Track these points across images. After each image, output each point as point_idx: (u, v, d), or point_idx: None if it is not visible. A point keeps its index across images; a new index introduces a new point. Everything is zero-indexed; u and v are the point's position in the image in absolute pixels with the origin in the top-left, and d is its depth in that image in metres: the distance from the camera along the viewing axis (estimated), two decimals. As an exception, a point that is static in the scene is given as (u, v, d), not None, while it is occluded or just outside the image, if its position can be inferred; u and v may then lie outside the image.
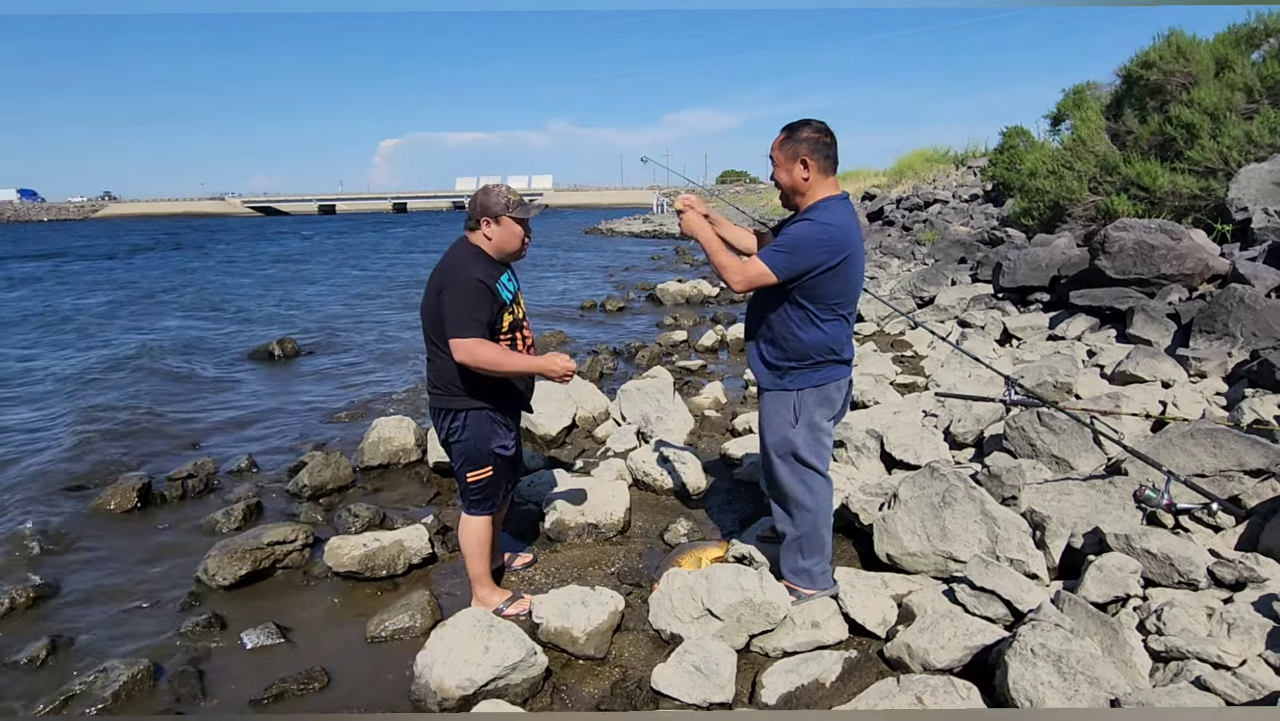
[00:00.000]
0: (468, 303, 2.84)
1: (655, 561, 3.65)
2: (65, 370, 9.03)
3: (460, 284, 2.86)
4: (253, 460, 5.43)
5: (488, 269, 2.93)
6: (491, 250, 2.98)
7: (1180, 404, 4.57)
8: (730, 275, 2.80)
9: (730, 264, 2.82)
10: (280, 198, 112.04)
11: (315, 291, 17.26)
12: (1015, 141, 17.30)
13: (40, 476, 5.40)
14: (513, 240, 2.99)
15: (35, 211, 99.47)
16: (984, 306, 8.36)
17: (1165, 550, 2.85)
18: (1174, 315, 6.01)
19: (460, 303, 2.83)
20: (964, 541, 3.11)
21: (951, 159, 25.38)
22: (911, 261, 13.74)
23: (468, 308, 2.84)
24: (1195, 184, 8.92)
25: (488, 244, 2.97)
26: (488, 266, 2.94)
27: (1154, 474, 3.29)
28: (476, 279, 2.87)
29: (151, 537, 4.32)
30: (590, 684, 2.80)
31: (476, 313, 2.85)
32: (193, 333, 11.61)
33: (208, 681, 2.93)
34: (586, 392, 5.99)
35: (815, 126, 2.76)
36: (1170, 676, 2.42)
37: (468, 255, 2.95)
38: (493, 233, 2.95)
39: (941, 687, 2.38)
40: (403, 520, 4.24)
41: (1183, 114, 10.05)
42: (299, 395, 7.67)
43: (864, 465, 4.33)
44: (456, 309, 2.83)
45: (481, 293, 2.87)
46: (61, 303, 15.70)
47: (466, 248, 2.98)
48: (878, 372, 6.34)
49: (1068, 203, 10.78)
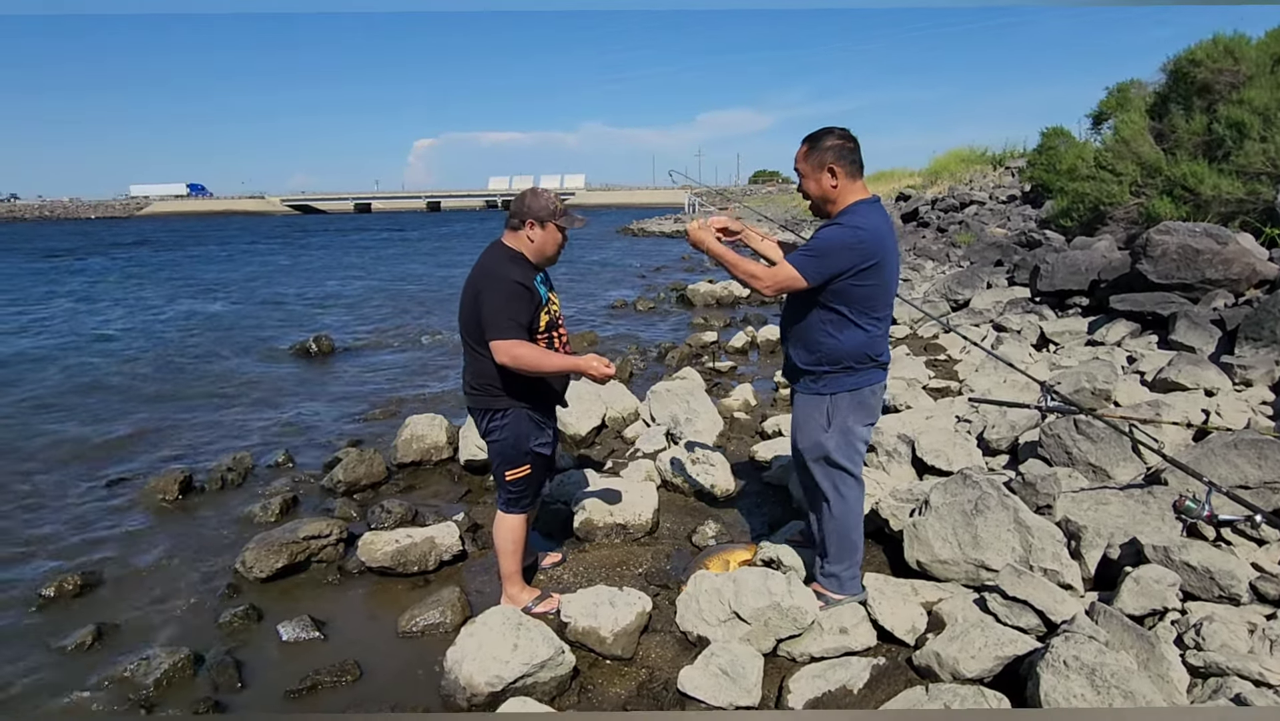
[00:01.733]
0: (508, 305, 2.88)
1: (683, 563, 3.66)
2: (106, 365, 9.30)
3: (499, 286, 2.90)
4: (289, 455, 5.55)
5: (525, 271, 2.98)
6: (531, 253, 3.03)
7: (1224, 413, 4.45)
8: (759, 281, 2.79)
9: (756, 270, 2.82)
10: (317, 196, 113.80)
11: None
12: (1055, 142, 16.94)
13: (84, 464, 5.60)
14: (552, 246, 3.06)
15: (83, 209, 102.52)
16: (1020, 310, 8.22)
17: (1206, 563, 2.79)
18: (1219, 321, 5.86)
19: (499, 305, 2.88)
20: (996, 550, 3.07)
21: (989, 159, 24.99)
22: (946, 264, 13.56)
23: (508, 310, 2.88)
24: (1242, 187, 8.67)
25: (529, 246, 3.03)
26: (525, 269, 2.99)
27: (1195, 484, 3.21)
28: (515, 281, 2.91)
29: (192, 528, 4.44)
30: (617, 684, 2.81)
31: (516, 314, 2.89)
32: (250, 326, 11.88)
33: (245, 672, 3.01)
34: (616, 393, 6.02)
35: (837, 134, 2.75)
36: (1209, 693, 2.36)
37: (505, 258, 3.00)
38: (535, 236, 3.01)
39: (971, 697, 2.36)
40: (434, 517, 4.30)
41: (1232, 113, 9.78)
42: (334, 392, 7.81)
43: (895, 470, 4.29)
44: (496, 311, 2.87)
45: (520, 295, 2.91)
46: (143, 292, 16.19)
47: (504, 250, 3.03)
48: (910, 377, 6.27)
49: (1108, 205, 10.55)
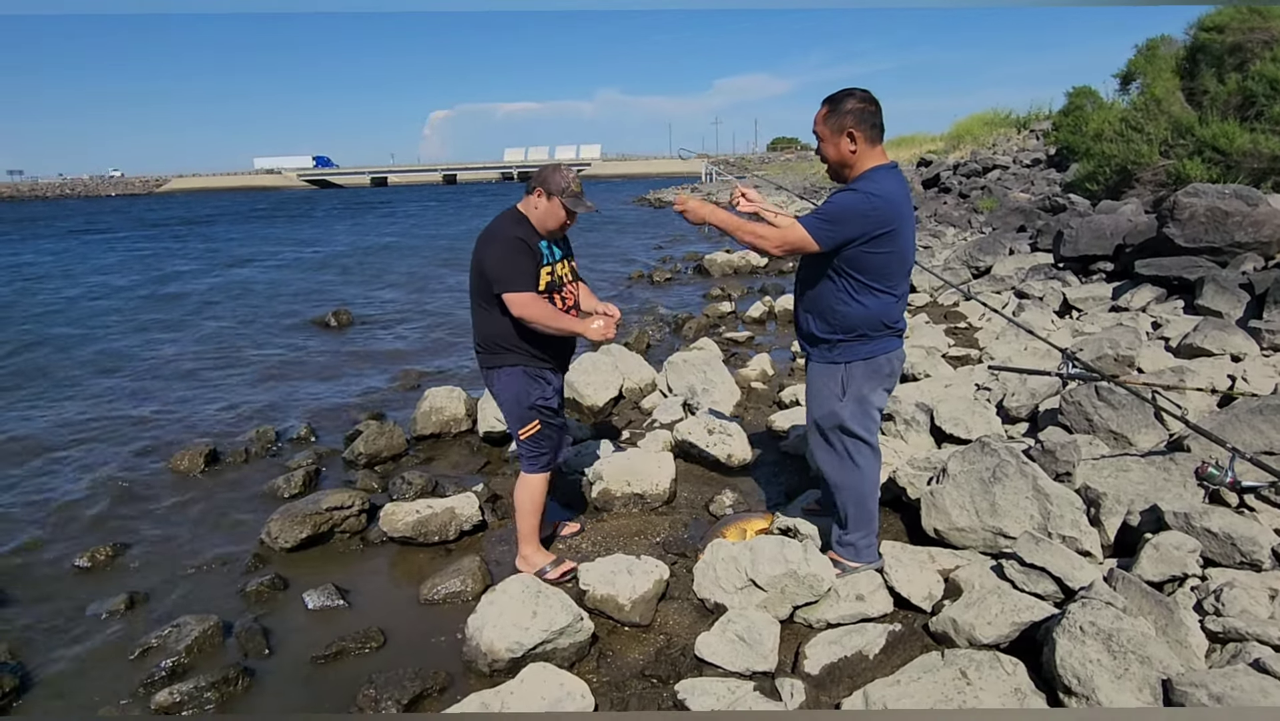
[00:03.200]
0: (513, 259, 3.01)
1: (700, 532, 3.68)
2: (127, 343, 9.44)
3: (501, 242, 3.04)
4: (311, 428, 5.63)
5: (528, 231, 3.10)
6: (535, 220, 3.13)
7: (1250, 378, 4.38)
8: (766, 241, 2.75)
9: (763, 230, 2.78)
10: (333, 171, 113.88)
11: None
12: (1081, 102, 16.54)
13: (114, 436, 5.72)
14: (553, 219, 3.13)
15: (104, 186, 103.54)
16: (1043, 277, 8.09)
17: (1227, 529, 2.76)
18: (1247, 285, 5.73)
19: (505, 259, 3.01)
20: (1014, 517, 3.06)
21: (1013, 122, 24.38)
22: (968, 230, 13.35)
23: (514, 263, 3.01)
24: (1277, 144, 8.43)
25: (534, 213, 3.12)
26: (528, 229, 3.10)
27: (1218, 451, 3.17)
28: (517, 237, 3.04)
29: (218, 500, 4.54)
30: (635, 650, 2.86)
31: (522, 269, 3.02)
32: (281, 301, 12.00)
33: (272, 638, 3.08)
34: (633, 364, 6.02)
35: (859, 96, 2.69)
36: (1228, 658, 2.35)
37: (511, 219, 3.13)
38: (540, 205, 3.10)
39: (987, 663, 2.37)
40: (454, 488, 4.36)
41: (1266, 70, 9.48)
42: (354, 364, 7.89)
43: (913, 439, 4.27)
44: (504, 265, 3.00)
45: (520, 249, 3.03)
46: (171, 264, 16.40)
47: (513, 213, 3.16)
48: (929, 345, 6.22)
49: (1136, 167, 10.30)
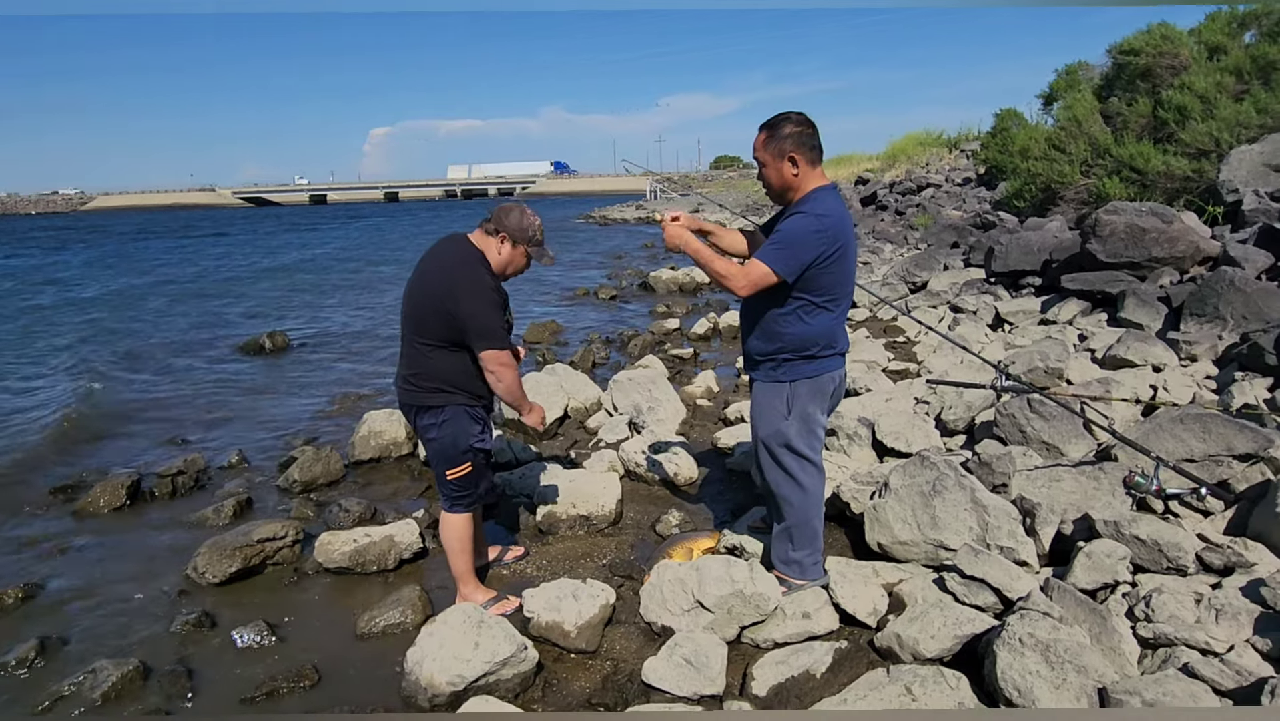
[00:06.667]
0: (494, 314, 2.95)
1: (647, 553, 3.65)
2: (55, 360, 8.97)
3: (483, 295, 2.93)
4: (243, 455, 5.41)
5: (496, 279, 3.04)
6: (494, 264, 3.04)
7: (1170, 388, 4.57)
8: (733, 282, 2.73)
9: (729, 270, 2.75)
10: (271, 188, 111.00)
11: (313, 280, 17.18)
12: (1008, 123, 17.22)
13: (26, 472, 5.38)
14: (513, 268, 3.11)
15: (22, 205, 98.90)
16: (976, 291, 8.36)
17: (1154, 536, 2.86)
18: (1165, 299, 6.01)
19: (488, 314, 2.93)
20: (954, 530, 3.11)
21: (944, 142, 25.28)
22: (904, 246, 13.73)
23: (496, 319, 2.95)
24: (1187, 165, 8.91)
25: (495, 257, 3.04)
26: (495, 278, 3.04)
27: (1143, 460, 3.29)
28: (492, 288, 2.98)
29: (141, 535, 4.30)
30: (581, 678, 2.79)
31: (500, 322, 2.98)
32: (202, 330, 11.55)
33: (198, 680, 2.92)
34: (578, 383, 5.97)
35: (796, 120, 2.73)
36: (1158, 663, 2.42)
37: (475, 261, 2.99)
38: (504, 251, 3.04)
39: (931, 678, 2.38)
40: (394, 515, 4.23)
41: (1174, 97, 10.03)
42: (290, 389, 7.63)
43: (855, 453, 4.32)
44: (486, 321, 2.92)
45: (497, 303, 2.99)
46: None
47: (473, 251, 3.01)
48: (870, 359, 6.34)
49: (1060, 185, 10.77)
